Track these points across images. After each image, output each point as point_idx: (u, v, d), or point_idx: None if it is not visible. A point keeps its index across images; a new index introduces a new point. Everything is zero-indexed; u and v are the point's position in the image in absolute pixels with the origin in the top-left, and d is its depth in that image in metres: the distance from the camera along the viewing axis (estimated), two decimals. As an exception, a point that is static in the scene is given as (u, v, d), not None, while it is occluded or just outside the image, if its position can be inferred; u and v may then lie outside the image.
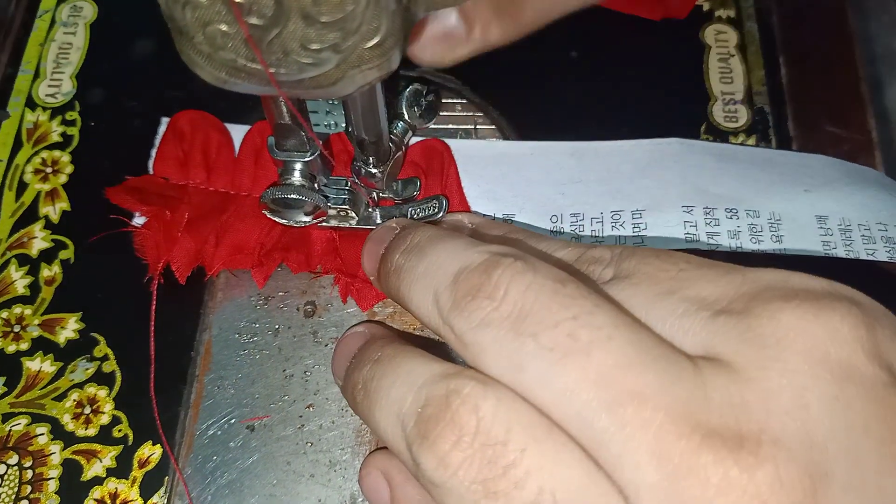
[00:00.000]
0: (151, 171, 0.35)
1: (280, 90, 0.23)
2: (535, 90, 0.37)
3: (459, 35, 0.29)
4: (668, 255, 0.23)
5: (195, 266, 0.33)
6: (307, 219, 0.32)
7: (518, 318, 0.21)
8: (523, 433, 0.20)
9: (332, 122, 0.35)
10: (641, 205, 0.33)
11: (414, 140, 0.35)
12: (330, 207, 0.32)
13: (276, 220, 0.32)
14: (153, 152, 0.35)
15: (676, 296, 0.22)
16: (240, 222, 0.33)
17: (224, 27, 0.21)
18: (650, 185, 0.33)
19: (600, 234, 0.33)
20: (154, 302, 0.32)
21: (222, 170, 0.34)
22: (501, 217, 0.34)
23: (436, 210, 0.33)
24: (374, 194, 0.33)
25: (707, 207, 0.32)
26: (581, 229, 0.33)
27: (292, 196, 0.31)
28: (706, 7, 0.39)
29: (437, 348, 0.30)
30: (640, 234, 0.33)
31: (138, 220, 0.34)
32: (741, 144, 0.35)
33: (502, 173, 0.34)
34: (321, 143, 0.31)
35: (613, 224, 0.33)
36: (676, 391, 0.19)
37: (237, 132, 0.35)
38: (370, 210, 0.33)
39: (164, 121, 0.35)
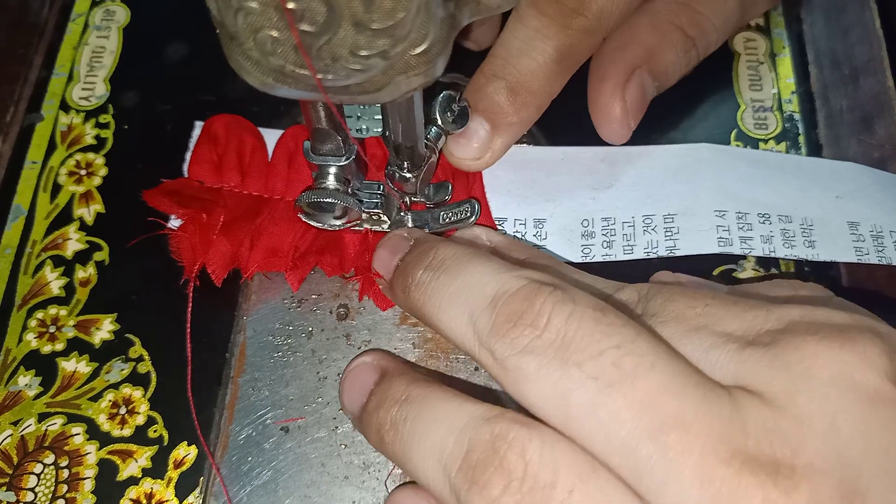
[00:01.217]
0: (186, 175, 0.35)
1: (326, 95, 0.24)
2: (565, 95, 0.38)
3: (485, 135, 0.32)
4: (694, 292, 0.24)
5: (231, 268, 0.33)
6: (341, 222, 0.32)
7: (562, 347, 0.22)
8: (570, 474, 0.21)
9: (364, 127, 0.35)
10: (673, 209, 0.33)
11: None
12: (363, 211, 0.32)
13: (311, 223, 0.32)
14: (188, 156, 0.35)
15: (704, 331, 0.23)
16: (274, 225, 0.33)
17: (275, 33, 0.22)
18: (682, 189, 0.33)
19: (632, 239, 0.33)
20: (190, 304, 0.32)
21: (256, 173, 0.35)
22: (532, 221, 0.34)
23: (468, 214, 0.33)
24: (406, 198, 0.34)
25: (739, 212, 0.33)
26: (612, 234, 0.33)
27: (328, 200, 0.31)
28: (735, 14, 0.39)
29: (456, 383, 0.31)
30: (672, 237, 0.33)
31: (174, 223, 0.34)
32: (771, 151, 0.36)
33: (533, 178, 0.35)
34: (356, 147, 0.31)
35: (645, 228, 0.33)
36: (716, 418, 0.20)
37: (270, 136, 0.36)
38: (402, 214, 0.34)
39: (199, 125, 0.36)
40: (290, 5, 0.21)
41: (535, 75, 0.31)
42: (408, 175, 0.32)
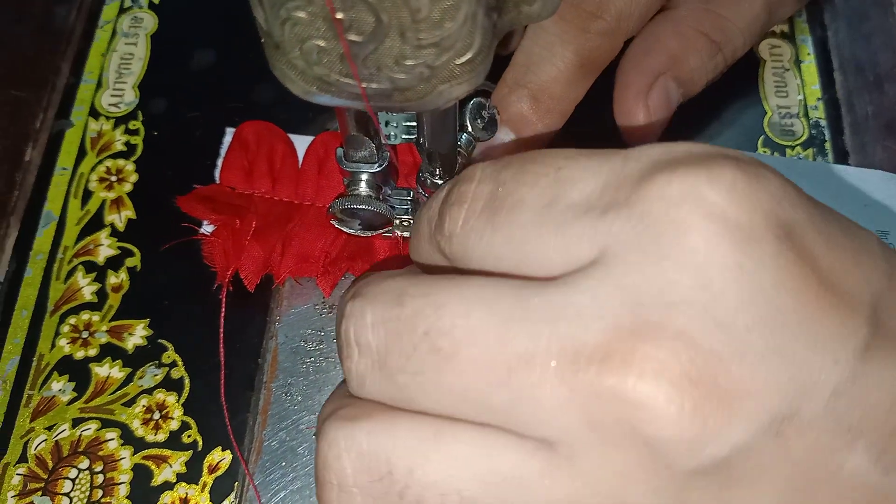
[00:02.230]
0: (217, 181, 0.35)
1: (368, 104, 0.24)
2: (589, 102, 0.38)
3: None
4: (544, 156, 0.22)
5: (264, 274, 0.33)
6: (373, 229, 0.33)
7: (381, 363, 0.21)
8: (405, 456, 0.20)
9: (392, 134, 0.36)
10: None
11: None
12: (394, 217, 0.33)
13: (344, 229, 0.33)
14: (219, 162, 0.36)
15: (561, 204, 0.20)
16: (305, 231, 0.34)
17: (321, 43, 0.22)
18: None
19: None
20: (223, 309, 0.32)
21: (287, 180, 0.35)
22: None
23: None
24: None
25: None
26: None
27: (361, 206, 0.31)
28: (759, 21, 0.39)
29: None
30: None
31: (206, 228, 0.34)
32: (798, 158, 0.36)
33: None
34: (389, 154, 0.31)
35: None
36: (558, 331, 0.18)
37: (300, 143, 0.36)
38: (432, 220, 0.34)
39: (230, 131, 0.36)
40: (339, 16, 0.21)
41: (557, 81, 0.32)
42: (440, 182, 0.32)
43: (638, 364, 0.17)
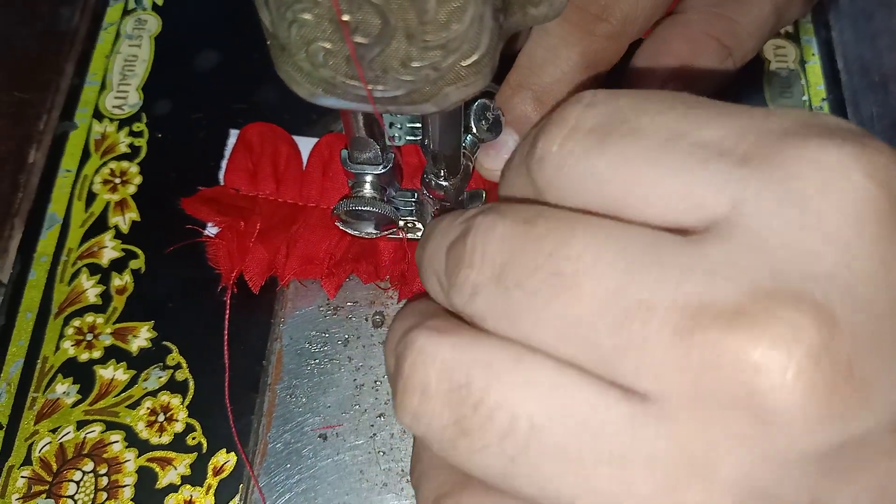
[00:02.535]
0: (222, 182, 0.35)
1: (374, 106, 0.24)
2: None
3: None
4: (670, 94, 0.21)
5: (268, 276, 0.33)
6: (377, 230, 0.33)
7: (500, 275, 0.20)
8: (484, 372, 0.20)
9: (397, 135, 0.36)
10: None
11: None
12: (399, 219, 0.33)
13: (348, 231, 0.33)
14: (223, 164, 0.35)
15: (688, 140, 0.19)
16: (309, 233, 0.34)
17: (328, 45, 0.22)
18: None
19: None
20: (228, 311, 0.32)
21: (291, 181, 0.35)
22: None
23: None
24: (440, 206, 0.34)
25: None
26: None
27: (365, 208, 0.31)
28: (764, 21, 0.39)
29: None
30: None
31: (211, 231, 0.34)
32: None
33: None
34: (393, 156, 0.31)
35: None
36: (682, 286, 0.17)
37: (304, 144, 0.36)
38: (437, 222, 0.34)
39: (234, 133, 0.36)
40: (346, 17, 0.21)
41: (561, 83, 0.31)
42: (444, 183, 0.32)
43: (772, 329, 0.16)
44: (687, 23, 0.33)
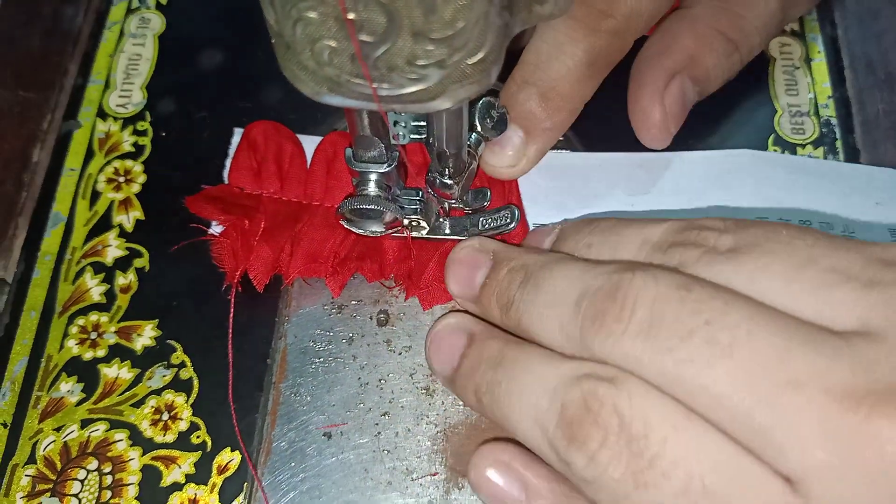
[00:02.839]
0: (226, 181, 0.35)
1: (379, 105, 0.24)
2: (604, 103, 0.38)
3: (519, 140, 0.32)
4: (795, 226, 0.23)
5: (272, 274, 0.33)
6: (381, 228, 0.33)
7: (650, 335, 0.21)
8: (662, 423, 0.21)
9: (401, 134, 0.36)
10: None
11: None
12: (404, 217, 0.33)
13: (353, 229, 0.33)
14: (227, 162, 0.35)
15: (819, 266, 0.21)
16: (313, 231, 0.34)
17: (333, 43, 0.22)
18: (722, 196, 0.33)
19: None
20: (232, 310, 0.32)
21: (295, 180, 0.35)
22: None
23: (507, 221, 0.33)
24: (445, 204, 0.34)
25: (781, 220, 0.33)
26: None
27: (370, 206, 0.31)
28: (769, 19, 0.39)
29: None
30: None
31: (215, 229, 0.34)
32: (809, 157, 0.36)
33: (570, 185, 0.35)
34: (398, 154, 0.31)
35: None
36: (833, 370, 0.19)
37: (309, 143, 0.36)
38: (440, 220, 0.34)
39: (238, 132, 0.36)
40: (351, 16, 0.21)
41: (566, 79, 0.31)
42: (449, 181, 0.32)
43: None
44: (694, 17, 0.33)
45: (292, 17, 0.21)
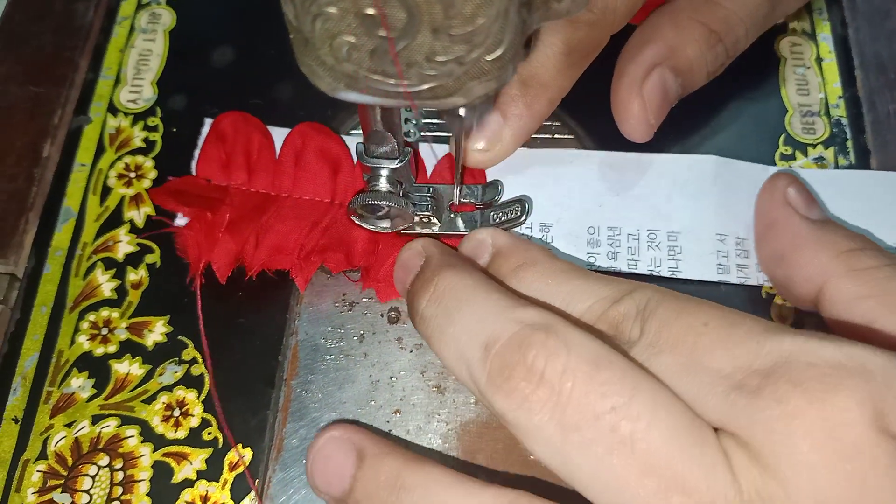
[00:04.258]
0: (194, 173, 0.35)
1: (397, 101, 0.24)
2: (608, 100, 0.38)
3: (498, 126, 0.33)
4: (690, 313, 0.24)
5: (235, 266, 0.33)
6: (391, 224, 0.33)
7: (558, 407, 0.22)
8: None
9: (409, 130, 0.36)
10: (678, 226, 0.33)
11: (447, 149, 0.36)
12: (415, 214, 0.33)
13: (364, 226, 0.33)
14: (196, 153, 0.36)
15: (694, 370, 0.23)
16: (280, 223, 0.34)
17: (352, 39, 0.22)
18: (687, 205, 0.34)
19: (636, 252, 0.33)
20: (199, 301, 0.33)
21: (263, 171, 0.35)
22: (539, 225, 0.34)
23: (518, 214, 0.33)
24: (456, 200, 0.34)
25: (738, 237, 0.33)
26: (617, 244, 0.33)
27: (381, 202, 0.31)
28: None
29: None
30: (674, 258, 0.33)
31: (180, 221, 0.34)
32: (794, 168, 0.35)
33: (541, 182, 0.35)
34: (410, 151, 0.31)
35: (650, 243, 0.33)
36: (714, 481, 0.21)
37: (278, 134, 0.36)
38: (452, 215, 0.34)
39: (208, 121, 0.36)
40: (370, 11, 0.21)
41: (546, 68, 0.32)
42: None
43: None
44: (675, 9, 0.33)
45: (312, 13, 0.21)
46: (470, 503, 0.24)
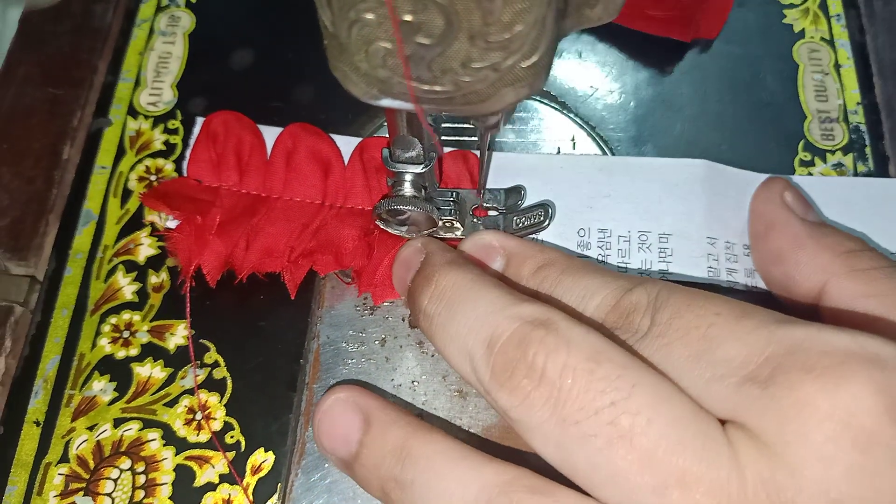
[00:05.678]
0: (186, 174, 0.36)
1: (430, 107, 0.24)
2: (632, 106, 0.38)
3: None
4: (701, 306, 0.24)
5: (225, 269, 0.33)
6: (414, 228, 0.33)
7: (558, 404, 0.22)
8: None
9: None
10: (668, 228, 0.33)
11: (447, 150, 0.36)
12: (439, 219, 0.33)
13: (388, 230, 0.33)
14: (187, 153, 0.36)
15: (704, 360, 0.23)
16: (270, 225, 0.34)
17: (388, 45, 0.22)
18: (678, 208, 0.34)
19: (626, 254, 0.33)
20: (188, 304, 0.33)
21: (254, 172, 0.35)
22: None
23: (541, 218, 0.33)
24: (480, 203, 0.34)
25: (728, 242, 0.33)
26: (608, 246, 0.33)
27: (406, 207, 0.31)
28: (798, 27, 0.39)
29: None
30: (665, 259, 0.33)
31: (171, 223, 0.34)
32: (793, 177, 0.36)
33: (531, 186, 0.35)
34: (435, 156, 0.31)
35: (640, 245, 0.33)
36: (716, 472, 0.21)
37: (269, 134, 0.36)
38: (476, 220, 0.34)
39: (200, 121, 0.36)
40: (408, 18, 0.21)
41: None
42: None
43: None
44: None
45: (349, 19, 0.21)
46: (471, 479, 0.24)
